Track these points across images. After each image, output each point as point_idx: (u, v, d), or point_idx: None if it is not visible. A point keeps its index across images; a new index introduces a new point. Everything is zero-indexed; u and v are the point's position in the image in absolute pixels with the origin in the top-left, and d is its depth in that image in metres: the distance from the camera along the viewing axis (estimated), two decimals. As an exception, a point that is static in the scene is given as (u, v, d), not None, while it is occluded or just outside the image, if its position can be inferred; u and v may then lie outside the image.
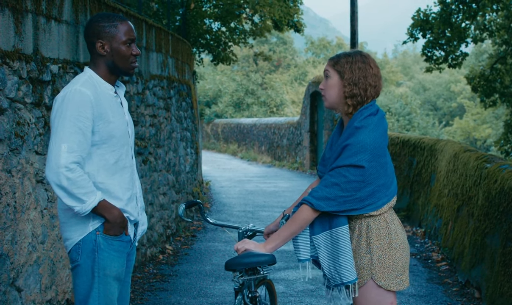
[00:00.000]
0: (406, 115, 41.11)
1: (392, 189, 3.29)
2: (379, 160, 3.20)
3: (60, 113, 3.16)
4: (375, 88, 3.28)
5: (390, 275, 3.23)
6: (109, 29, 3.31)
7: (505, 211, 5.90)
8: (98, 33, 3.31)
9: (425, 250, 8.77)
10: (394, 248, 3.24)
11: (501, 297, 5.58)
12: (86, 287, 3.26)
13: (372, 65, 3.29)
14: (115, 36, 3.32)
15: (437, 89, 68.27)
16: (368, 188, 3.19)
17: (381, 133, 3.23)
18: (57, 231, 5.11)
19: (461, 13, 21.90)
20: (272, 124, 27.01)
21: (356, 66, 3.26)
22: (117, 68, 3.35)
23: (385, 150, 3.26)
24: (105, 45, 3.31)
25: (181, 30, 15.33)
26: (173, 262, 8.21)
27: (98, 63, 3.35)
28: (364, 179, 3.17)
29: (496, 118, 49.51)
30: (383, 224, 3.25)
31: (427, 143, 10.52)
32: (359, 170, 3.15)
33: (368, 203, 3.22)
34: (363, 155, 3.15)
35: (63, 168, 3.09)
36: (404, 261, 3.27)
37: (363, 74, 3.26)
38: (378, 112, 3.27)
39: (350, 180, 3.16)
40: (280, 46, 58.78)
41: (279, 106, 44.68)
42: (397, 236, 3.26)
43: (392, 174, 3.31)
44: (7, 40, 4.34)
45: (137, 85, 7.59)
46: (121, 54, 3.33)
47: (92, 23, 3.35)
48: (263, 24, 19.86)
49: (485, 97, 25.11)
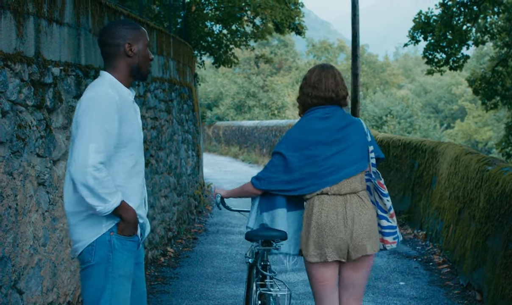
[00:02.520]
0: (407, 117, 41.07)
1: (326, 181, 3.90)
2: (302, 152, 3.91)
3: (87, 114, 3.22)
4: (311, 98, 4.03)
5: (308, 249, 3.92)
6: (135, 31, 3.48)
7: (507, 213, 5.90)
8: (125, 36, 3.44)
9: (427, 253, 8.76)
10: (313, 227, 3.89)
11: (503, 299, 5.57)
12: (98, 287, 3.31)
13: (315, 75, 4.02)
14: (141, 38, 3.49)
15: (438, 91, 68.25)
16: (293, 174, 3.91)
17: (302, 131, 3.93)
18: (59, 233, 5.11)
19: (462, 16, 21.90)
20: (274, 127, 27.01)
21: (305, 76, 4.09)
22: (139, 70, 3.48)
23: (311, 145, 3.90)
24: (133, 46, 3.44)
25: (183, 32, 15.33)
26: (175, 264, 8.20)
27: (120, 66, 3.45)
28: (287, 165, 3.92)
29: (497, 121, 49.48)
30: (309, 207, 3.94)
31: (429, 146, 10.52)
32: (280, 156, 3.93)
33: (296, 187, 3.93)
34: (280, 145, 3.95)
35: (91, 167, 3.13)
36: (322, 239, 3.88)
37: (304, 83, 4.08)
38: (311, 114, 3.99)
39: (274, 164, 3.96)
40: (282, 49, 58.78)
41: (280, 109, 44.67)
42: (320, 218, 3.89)
43: (331, 168, 3.90)
44: (9, 42, 4.34)
45: (138, 87, 7.60)
46: (146, 56, 3.50)
47: (117, 26, 3.47)
48: (265, 27, 19.87)
49: (487, 99, 25.11)
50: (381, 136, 14.24)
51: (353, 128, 4.00)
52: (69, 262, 5.35)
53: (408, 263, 8.22)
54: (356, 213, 3.92)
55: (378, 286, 7.14)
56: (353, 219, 3.91)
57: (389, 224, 4.12)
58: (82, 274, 3.38)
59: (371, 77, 61.74)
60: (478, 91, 24.91)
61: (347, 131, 3.97)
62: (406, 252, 8.88)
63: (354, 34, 19.21)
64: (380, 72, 63.10)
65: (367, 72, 61.06)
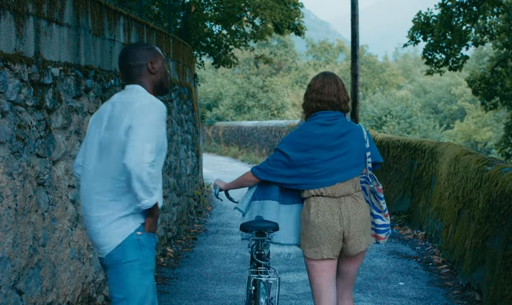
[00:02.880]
0: (406, 118, 41.07)
1: (321, 182, 4.19)
2: (302, 154, 4.23)
3: (144, 118, 3.54)
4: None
5: (306, 245, 4.24)
6: (153, 51, 3.84)
7: (506, 214, 5.90)
8: (146, 56, 3.80)
9: (426, 253, 8.77)
10: (310, 226, 4.19)
11: (502, 300, 5.58)
12: (135, 284, 3.61)
13: (318, 82, 4.34)
14: (158, 56, 3.85)
15: (437, 92, 68.26)
16: (291, 171, 4.25)
17: (302, 134, 4.27)
18: (58, 233, 5.12)
19: (462, 16, 21.91)
20: (273, 127, 27.02)
21: (309, 83, 4.42)
22: (161, 85, 3.86)
23: (311, 149, 4.21)
24: (154, 64, 3.79)
25: (182, 33, 15.34)
26: (174, 265, 8.21)
27: (145, 83, 3.78)
28: (286, 162, 4.26)
29: (497, 121, 49.51)
30: (306, 207, 4.24)
31: (428, 146, 10.52)
32: (281, 154, 4.27)
33: (293, 182, 4.27)
34: (282, 144, 4.30)
35: (147, 164, 3.47)
36: (318, 238, 4.17)
37: (309, 89, 4.40)
38: (314, 120, 4.29)
39: (274, 158, 4.31)
40: (281, 49, 58.78)
41: (280, 109, 44.68)
42: (316, 217, 4.17)
43: (326, 171, 4.20)
44: (9, 43, 4.35)
45: (138, 88, 7.61)
46: (164, 72, 3.87)
47: (137, 48, 3.84)
48: (264, 27, 19.87)
49: (486, 100, 25.11)
50: (380, 136, 14.25)
51: (352, 135, 4.28)
52: (69, 262, 5.35)
53: (407, 264, 8.22)
54: (351, 213, 4.21)
55: (378, 286, 7.15)
56: (349, 218, 4.21)
57: (384, 223, 4.50)
58: (111, 272, 3.65)
59: (371, 78, 61.76)
60: (478, 92, 24.91)
61: (346, 139, 4.26)
62: (405, 252, 8.89)
63: (353, 34, 19.21)
64: (380, 72, 63.11)
65: (366, 72, 61.08)
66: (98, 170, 3.67)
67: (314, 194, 4.23)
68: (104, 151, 3.63)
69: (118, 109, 3.66)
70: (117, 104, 3.70)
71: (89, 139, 3.78)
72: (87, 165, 3.72)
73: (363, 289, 7.03)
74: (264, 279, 4.26)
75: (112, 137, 3.60)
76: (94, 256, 5.97)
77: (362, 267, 7.99)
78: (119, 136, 3.56)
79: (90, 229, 3.72)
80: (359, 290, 6.97)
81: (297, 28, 20.01)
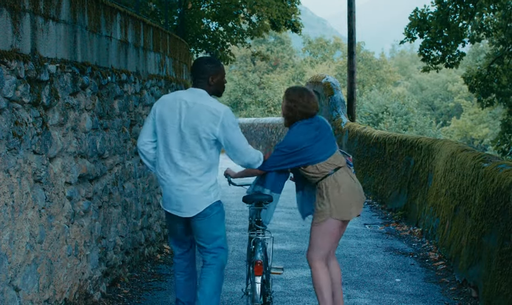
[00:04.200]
0: (403, 114, 41.15)
1: (318, 159, 5.21)
2: (297, 146, 5.21)
3: (236, 123, 4.98)
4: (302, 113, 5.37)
5: (342, 210, 5.21)
6: (216, 68, 5.05)
7: (502, 210, 5.92)
8: (209, 71, 5.00)
9: (422, 250, 8.79)
10: (342, 194, 5.20)
11: (498, 296, 5.59)
12: (219, 228, 5.07)
13: (304, 99, 5.33)
14: (219, 72, 5.05)
15: (434, 88, 68.35)
16: (291, 158, 5.24)
17: (297, 134, 5.28)
18: (55, 230, 5.12)
19: (458, 13, 21.93)
20: (270, 124, 27.03)
21: (292, 98, 5.35)
22: (216, 93, 5.10)
23: (304, 141, 5.22)
24: (214, 79, 5.02)
25: (179, 30, 15.33)
26: (171, 261, 8.21)
27: (204, 89, 5.00)
28: (286, 154, 5.23)
29: (493, 118, 49.60)
30: (333, 181, 5.21)
31: (424, 143, 10.54)
32: (281, 151, 5.25)
33: (294, 164, 5.27)
34: (281, 144, 5.28)
35: (254, 153, 5.13)
36: (350, 199, 5.23)
37: (294, 105, 5.35)
38: (300, 123, 5.33)
39: (275, 155, 5.26)
40: (278, 46, 58.78)
41: (276, 106, 44.70)
42: (344, 185, 5.21)
43: (317, 150, 5.22)
44: (5, 39, 4.34)
45: (134, 85, 7.60)
46: (221, 84, 5.14)
47: (205, 63, 5.04)
48: (261, 24, 19.87)
49: (482, 96, 25.15)
50: (377, 133, 14.26)
51: (323, 125, 5.39)
52: (66, 259, 5.36)
53: (404, 260, 8.24)
54: (357, 180, 5.39)
55: (374, 283, 7.16)
56: (359, 184, 5.38)
57: None
58: (204, 222, 4.95)
59: (367, 75, 61.80)
60: (474, 89, 24.95)
61: (320, 129, 5.35)
62: (402, 249, 8.91)
63: (350, 31, 19.22)
64: (376, 69, 63.15)
65: (363, 69, 61.11)
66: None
67: (330, 172, 5.23)
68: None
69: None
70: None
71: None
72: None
73: (359, 285, 7.04)
74: (261, 238, 5.31)
75: (205, 136, 4.97)
76: (91, 253, 5.97)
77: (358, 263, 8.01)
78: (204, 134, 4.97)
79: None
80: (356, 286, 6.99)
81: (293, 25, 20.01)
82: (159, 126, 4.94)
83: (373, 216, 11.67)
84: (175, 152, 4.88)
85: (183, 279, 5.29)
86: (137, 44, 7.74)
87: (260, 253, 5.24)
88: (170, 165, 4.91)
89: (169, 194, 4.95)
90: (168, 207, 5.01)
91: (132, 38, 7.51)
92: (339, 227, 5.30)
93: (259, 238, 5.32)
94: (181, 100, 4.91)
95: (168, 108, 4.92)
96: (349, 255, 8.41)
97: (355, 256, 8.41)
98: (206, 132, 4.83)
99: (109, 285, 6.57)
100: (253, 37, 20.65)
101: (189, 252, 5.32)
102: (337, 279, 5.48)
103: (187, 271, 5.31)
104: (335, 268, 5.50)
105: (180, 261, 5.32)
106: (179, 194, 4.90)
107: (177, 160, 4.87)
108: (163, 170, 4.94)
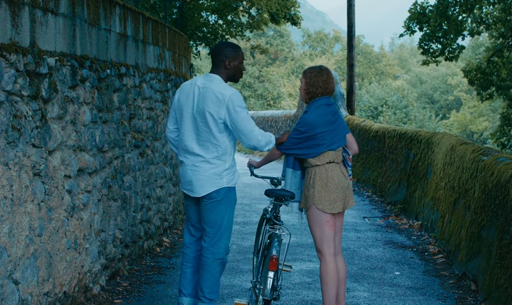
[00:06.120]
0: (402, 108, 41.11)
1: (319, 150, 5.29)
2: (313, 130, 5.28)
3: (242, 106, 5.00)
4: (324, 89, 5.42)
5: (322, 202, 5.29)
6: (235, 52, 5.14)
7: (502, 203, 5.92)
8: (227, 54, 5.10)
9: (422, 243, 8.79)
10: (329, 187, 5.29)
11: (498, 289, 5.60)
12: (228, 213, 5.17)
13: (324, 75, 5.40)
14: (237, 57, 5.14)
15: (433, 82, 68.29)
16: (302, 144, 5.31)
17: (316, 114, 5.33)
18: (54, 223, 5.12)
19: (458, 6, 21.90)
20: (269, 117, 27.02)
21: (312, 74, 5.43)
22: (233, 77, 5.18)
23: (321, 124, 5.29)
24: (231, 63, 5.10)
25: (178, 23, 15.30)
26: (170, 254, 8.22)
27: (221, 73, 5.12)
28: (300, 137, 5.31)
29: (492, 111, 49.58)
30: (324, 172, 5.30)
31: (424, 136, 10.53)
32: (298, 131, 5.34)
33: (303, 152, 5.34)
34: (299, 124, 5.36)
35: (260, 135, 5.09)
36: (336, 195, 5.30)
37: (315, 79, 5.42)
38: (319, 102, 5.37)
39: (292, 136, 5.35)
40: (277, 39, 58.69)
41: (276, 99, 44.68)
42: (333, 180, 5.30)
43: (329, 141, 5.31)
44: (4, 32, 4.33)
45: (134, 78, 7.59)
46: (239, 70, 5.17)
47: (224, 47, 5.14)
48: (260, 17, 19.84)
49: (482, 90, 25.13)
50: (376, 126, 14.25)
51: (338, 113, 5.49)
52: (65, 252, 5.36)
53: (403, 253, 8.25)
54: (347, 176, 5.45)
55: (374, 276, 7.17)
56: (349, 181, 5.44)
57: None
58: (210, 205, 5.07)
59: (367, 68, 61.75)
60: (474, 82, 24.92)
61: (337, 115, 5.44)
62: (401, 242, 8.91)
63: (349, 24, 19.19)
64: (376, 62, 63.11)
65: (362, 62, 61.06)
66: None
67: (324, 163, 5.29)
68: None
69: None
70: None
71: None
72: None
73: (359, 278, 7.05)
74: (278, 233, 5.32)
75: (219, 119, 5.10)
76: (90, 246, 5.98)
77: (357, 256, 8.01)
78: (216, 117, 5.06)
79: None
80: (355, 279, 7.00)
81: (293, 18, 19.99)
82: (178, 113, 5.19)
83: (373, 209, 11.67)
84: (190, 137, 5.08)
85: (189, 270, 5.36)
86: (136, 37, 7.73)
87: (276, 248, 5.26)
88: (187, 148, 5.11)
89: (184, 173, 5.17)
90: (183, 186, 5.22)
91: (131, 31, 7.49)
92: (330, 218, 5.34)
93: (276, 232, 5.34)
94: (195, 86, 5.09)
95: (185, 94, 5.13)
96: (348, 248, 8.41)
97: (354, 249, 8.42)
98: (213, 116, 4.97)
99: (109, 278, 6.57)
100: (252, 30, 20.63)
101: (197, 243, 5.37)
102: (341, 274, 5.50)
103: (194, 263, 5.36)
104: (340, 264, 5.52)
105: (188, 251, 5.38)
106: (192, 173, 5.09)
107: (193, 144, 5.08)
108: (182, 153, 5.19)
